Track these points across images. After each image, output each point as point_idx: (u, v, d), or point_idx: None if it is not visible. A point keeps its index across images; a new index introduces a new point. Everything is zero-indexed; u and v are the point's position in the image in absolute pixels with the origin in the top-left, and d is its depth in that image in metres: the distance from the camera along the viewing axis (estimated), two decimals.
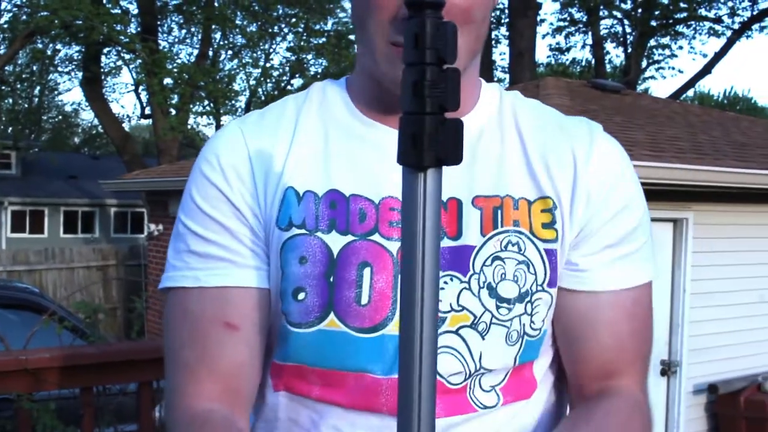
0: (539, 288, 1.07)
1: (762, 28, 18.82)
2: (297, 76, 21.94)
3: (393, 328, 1.03)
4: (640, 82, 18.88)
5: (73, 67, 23.89)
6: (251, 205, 1.08)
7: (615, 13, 19.26)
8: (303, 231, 1.06)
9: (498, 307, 1.05)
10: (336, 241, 1.05)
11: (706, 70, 19.02)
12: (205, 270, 1.08)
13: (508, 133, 1.12)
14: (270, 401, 1.12)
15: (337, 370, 1.05)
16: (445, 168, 0.63)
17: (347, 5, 20.80)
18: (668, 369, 6.56)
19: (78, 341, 3.87)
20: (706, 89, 35.23)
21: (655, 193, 5.67)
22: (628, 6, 19.13)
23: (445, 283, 1.04)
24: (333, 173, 1.08)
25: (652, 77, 20.77)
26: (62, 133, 39.92)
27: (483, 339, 1.05)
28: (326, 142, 1.10)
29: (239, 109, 26.68)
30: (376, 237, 1.05)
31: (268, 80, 23.03)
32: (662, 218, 6.32)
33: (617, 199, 1.10)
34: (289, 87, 23.02)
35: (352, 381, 1.05)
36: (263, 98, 24.07)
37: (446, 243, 1.05)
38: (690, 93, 22.84)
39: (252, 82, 23.69)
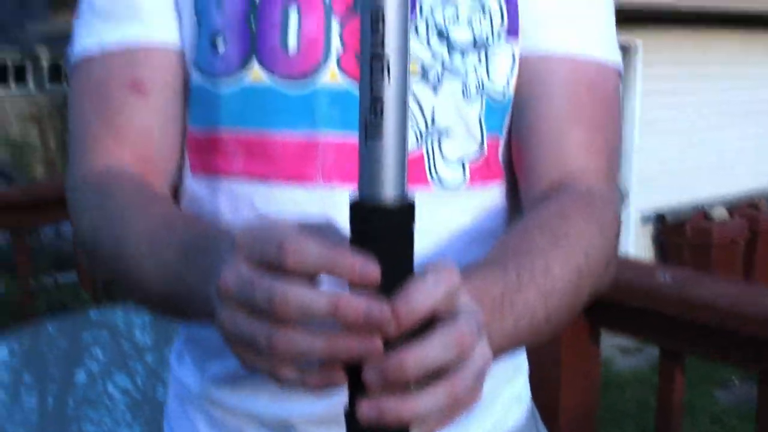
0: (496, 37, 0.90)
1: None
2: None
3: (326, 78, 0.88)
4: None
5: None
6: None
7: None
8: None
9: (450, 54, 0.89)
10: None
11: None
12: (109, 31, 0.93)
13: None
14: (189, 189, 0.96)
15: (262, 129, 0.89)
16: None
17: None
18: None
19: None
20: None
21: None
22: None
23: None
24: None
25: None
26: None
27: (435, 93, 0.89)
28: None
29: None
30: None
31: None
32: None
33: None
34: None
35: (279, 144, 0.89)
36: None
37: None
38: None
39: None
